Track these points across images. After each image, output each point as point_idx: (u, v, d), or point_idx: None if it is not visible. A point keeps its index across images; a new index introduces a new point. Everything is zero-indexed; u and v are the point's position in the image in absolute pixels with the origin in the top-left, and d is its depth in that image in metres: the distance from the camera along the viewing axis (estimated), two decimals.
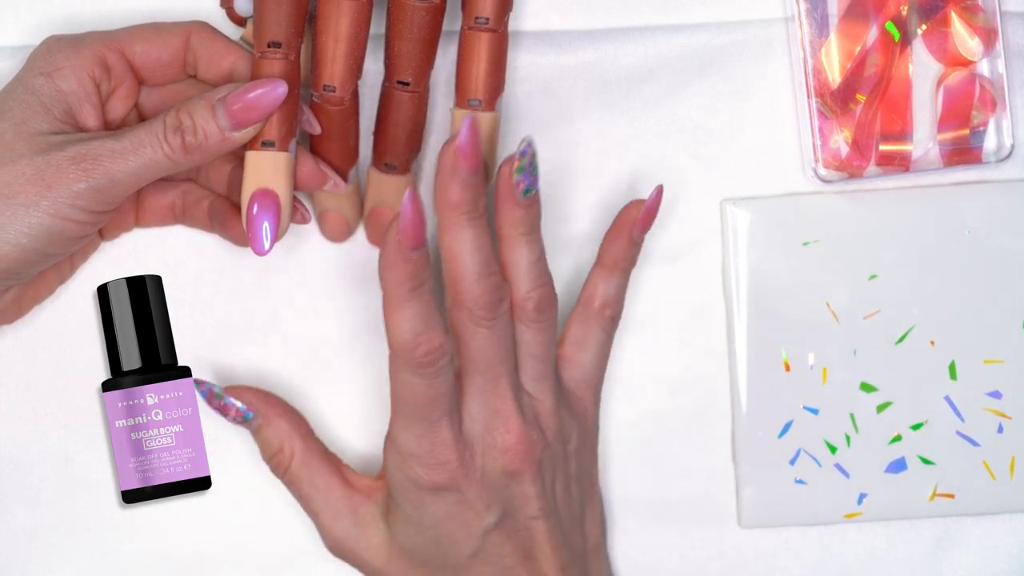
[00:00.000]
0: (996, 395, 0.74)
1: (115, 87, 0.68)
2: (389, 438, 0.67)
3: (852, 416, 0.74)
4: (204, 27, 0.69)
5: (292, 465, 0.71)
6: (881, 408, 0.74)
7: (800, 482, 0.74)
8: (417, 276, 0.64)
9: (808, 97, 0.73)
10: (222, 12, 0.72)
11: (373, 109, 0.71)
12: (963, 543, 0.75)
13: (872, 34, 0.72)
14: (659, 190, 0.70)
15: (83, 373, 0.74)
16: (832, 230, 0.74)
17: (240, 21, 0.71)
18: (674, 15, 0.74)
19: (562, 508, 0.69)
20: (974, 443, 0.74)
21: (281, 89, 0.65)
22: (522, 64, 0.74)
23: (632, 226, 0.70)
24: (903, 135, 0.73)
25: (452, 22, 0.70)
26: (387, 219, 0.72)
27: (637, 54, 0.74)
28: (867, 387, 0.74)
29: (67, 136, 0.65)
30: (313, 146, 0.69)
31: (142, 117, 0.70)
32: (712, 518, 0.75)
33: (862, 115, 0.73)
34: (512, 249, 0.67)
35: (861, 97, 0.73)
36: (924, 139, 0.74)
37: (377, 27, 0.69)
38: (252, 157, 0.66)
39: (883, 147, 0.73)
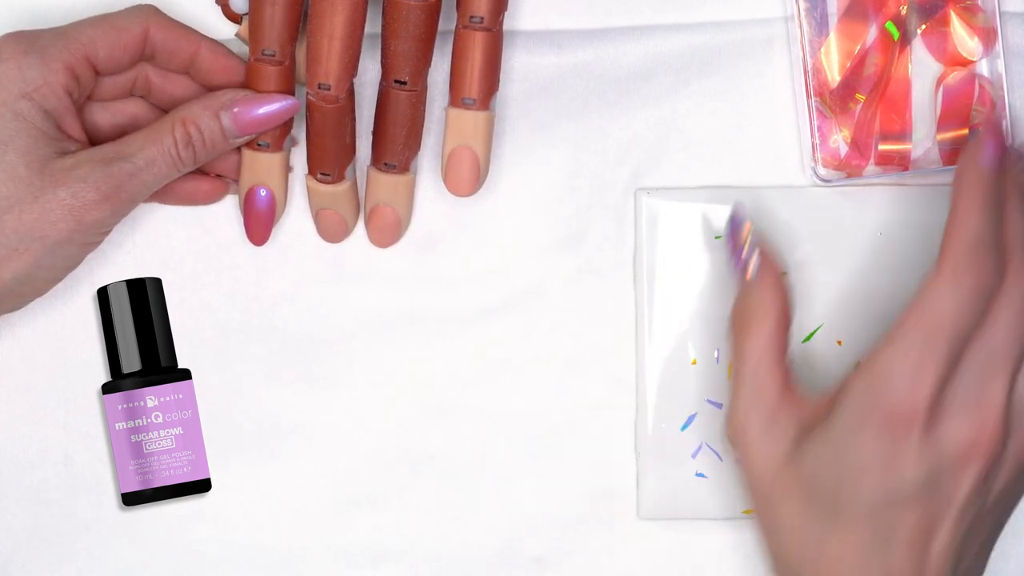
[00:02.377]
0: None
1: (84, 93, 0.68)
2: (874, 353, 0.64)
3: None
4: (160, 17, 0.69)
5: (761, 334, 0.68)
6: None
7: (701, 475, 0.74)
8: (994, 192, 0.64)
9: (808, 96, 0.72)
10: (217, 9, 0.73)
11: (372, 108, 0.71)
12: None
13: (872, 33, 0.72)
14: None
15: (83, 374, 0.74)
16: None
17: (236, 19, 0.71)
18: (674, 15, 0.74)
19: (974, 528, 0.66)
20: None
21: (292, 106, 0.67)
22: (522, 64, 0.74)
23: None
24: (902, 135, 0.73)
25: (450, 22, 0.70)
26: (388, 219, 0.72)
27: (637, 54, 0.74)
28: None
29: (75, 158, 0.66)
30: (309, 144, 0.69)
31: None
32: (613, 509, 0.75)
33: (861, 114, 0.72)
34: None
35: (861, 96, 0.72)
36: (923, 139, 0.73)
37: (376, 26, 0.69)
38: (248, 156, 0.69)
39: (882, 147, 0.73)
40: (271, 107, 0.67)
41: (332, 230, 0.72)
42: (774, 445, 0.66)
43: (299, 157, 0.72)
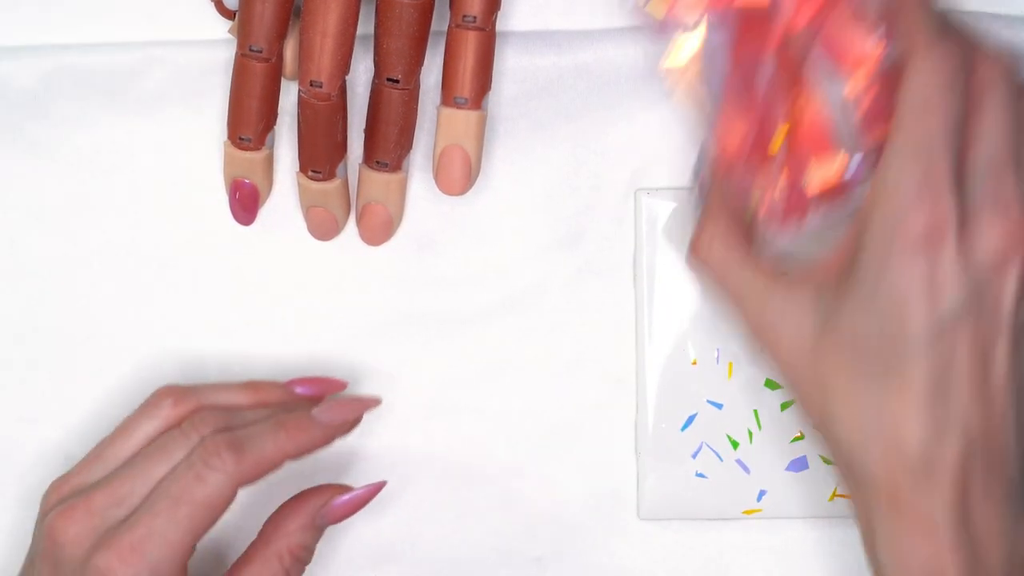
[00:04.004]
0: None
1: None
2: (877, 178, 0.62)
3: (756, 413, 0.74)
4: None
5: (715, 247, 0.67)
6: (785, 406, 0.74)
7: (701, 476, 0.74)
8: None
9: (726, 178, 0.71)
10: (211, 5, 0.73)
11: (365, 107, 0.71)
12: None
13: (764, 81, 0.70)
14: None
15: (83, 374, 0.74)
16: None
17: (229, 15, 0.71)
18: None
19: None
20: None
21: (376, 489, 0.70)
22: (521, 64, 0.74)
23: None
24: (830, 165, 0.71)
25: (444, 22, 0.70)
26: (379, 217, 0.72)
27: (637, 54, 0.74)
28: (772, 384, 0.74)
29: None
30: (300, 141, 0.69)
31: None
32: (613, 509, 0.75)
33: (781, 168, 0.70)
34: None
35: (776, 148, 0.70)
36: (854, 160, 0.72)
37: (368, 27, 0.69)
38: (229, 152, 0.70)
39: (814, 186, 0.70)
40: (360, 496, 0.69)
41: (322, 228, 0.72)
42: (798, 323, 0.64)
43: (290, 154, 0.73)
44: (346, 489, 0.69)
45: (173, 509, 0.63)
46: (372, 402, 0.70)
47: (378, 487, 0.69)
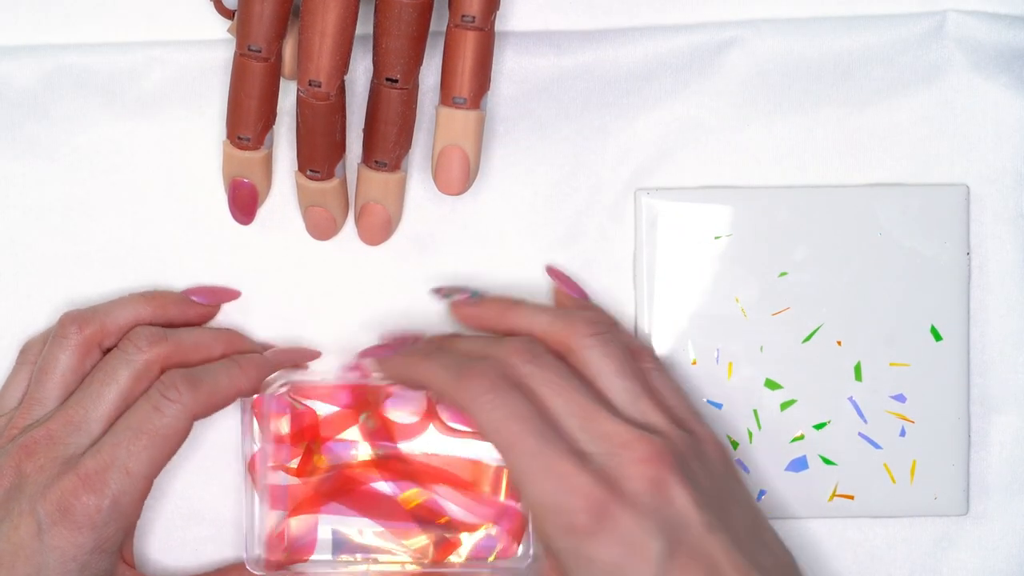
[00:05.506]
0: (900, 399, 0.74)
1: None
2: (531, 515, 0.67)
3: (756, 412, 0.74)
4: None
5: None
6: (785, 406, 0.74)
7: None
8: (420, 348, 0.71)
9: None
10: (210, 5, 0.74)
11: (364, 106, 0.71)
12: (963, 543, 0.75)
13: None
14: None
15: None
16: (744, 225, 0.73)
17: (228, 14, 0.71)
18: (674, 15, 0.74)
19: (725, 512, 0.66)
20: (876, 445, 0.74)
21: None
22: (521, 64, 0.74)
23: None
24: None
25: (443, 22, 0.70)
26: (378, 217, 0.72)
27: (637, 54, 0.74)
28: (772, 384, 0.74)
29: None
30: (299, 141, 0.69)
31: None
32: None
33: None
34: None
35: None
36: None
37: (367, 27, 0.69)
38: (228, 152, 0.70)
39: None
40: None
41: (321, 227, 0.72)
42: None
43: (289, 153, 0.73)
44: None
45: (133, 439, 0.66)
46: (314, 356, 0.74)
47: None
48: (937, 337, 0.74)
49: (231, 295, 0.74)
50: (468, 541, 0.73)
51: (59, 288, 0.74)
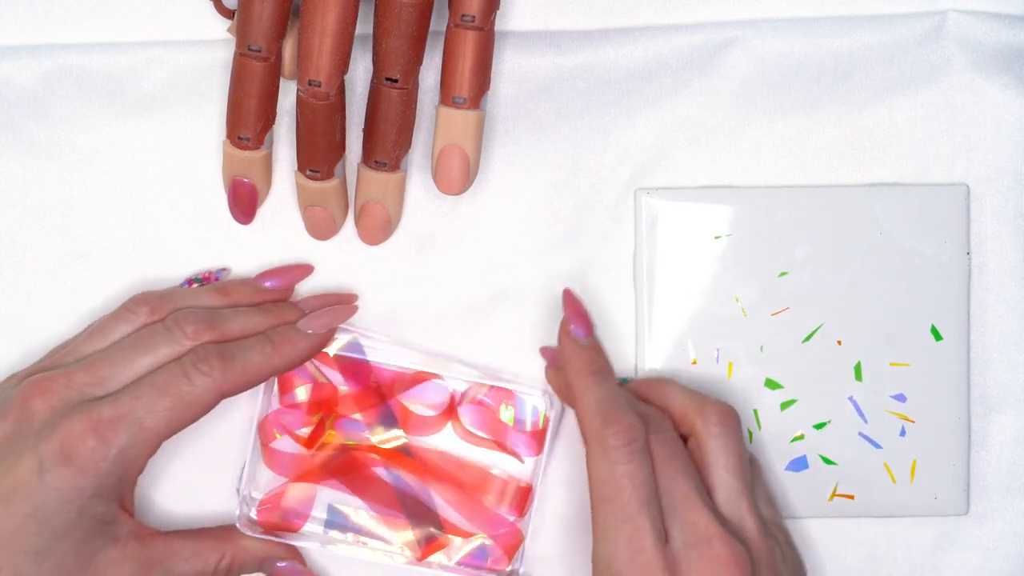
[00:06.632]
0: (900, 398, 0.74)
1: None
2: (593, 565, 0.67)
3: (756, 412, 0.74)
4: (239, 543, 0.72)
5: None
6: (785, 406, 0.74)
7: None
8: (595, 362, 0.69)
9: None
10: (210, 5, 0.74)
11: (364, 106, 0.71)
12: (963, 543, 0.75)
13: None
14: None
15: None
16: (744, 225, 0.73)
17: (228, 14, 0.71)
18: (674, 15, 0.74)
19: None
20: (876, 445, 0.74)
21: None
22: (521, 64, 0.74)
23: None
24: None
25: (443, 22, 0.70)
26: (378, 216, 0.72)
27: (637, 54, 0.74)
28: (772, 384, 0.74)
29: (122, 550, 0.68)
30: (298, 141, 0.69)
31: None
32: None
33: None
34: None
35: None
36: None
37: (367, 27, 0.69)
38: (228, 152, 0.70)
39: None
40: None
41: (320, 227, 0.72)
42: None
43: (289, 153, 0.73)
44: (300, 562, 0.72)
45: (156, 397, 0.66)
46: (351, 306, 0.72)
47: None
48: (937, 337, 0.74)
49: (304, 272, 0.73)
50: (461, 547, 0.73)
51: (59, 288, 0.74)
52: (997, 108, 0.74)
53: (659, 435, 0.67)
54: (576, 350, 0.69)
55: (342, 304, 0.72)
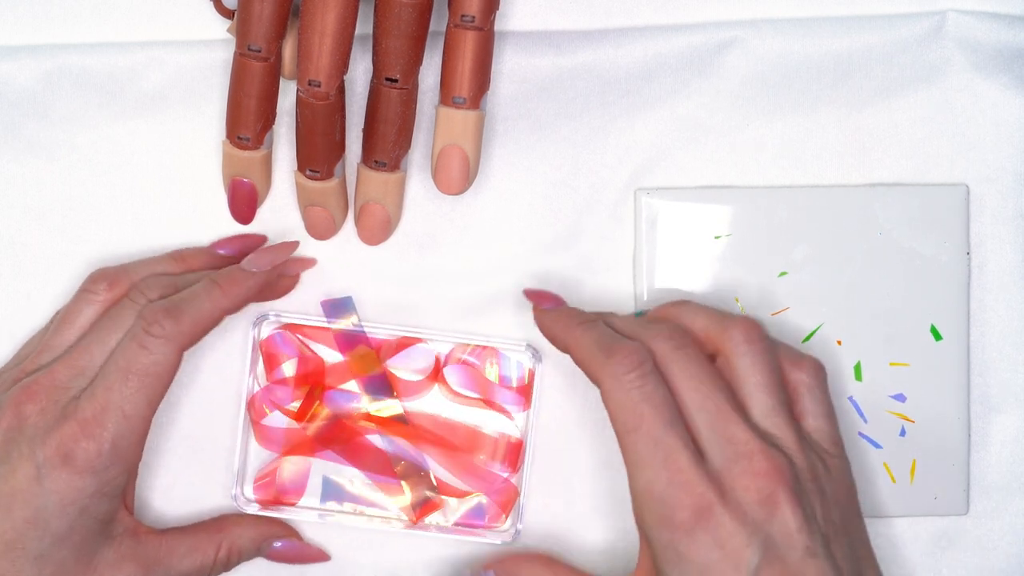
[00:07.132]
0: (900, 398, 0.74)
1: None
2: (633, 497, 0.66)
3: None
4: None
5: None
6: None
7: None
8: (579, 314, 0.69)
9: None
10: (210, 5, 0.74)
11: (363, 106, 0.71)
12: (963, 543, 0.75)
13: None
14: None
15: None
16: (744, 225, 0.73)
17: (228, 14, 0.72)
18: (674, 15, 0.74)
19: (833, 542, 0.65)
20: (876, 445, 0.74)
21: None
22: (521, 64, 0.74)
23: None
24: None
25: (442, 22, 0.70)
26: (378, 216, 0.72)
27: (637, 54, 0.74)
28: None
29: (120, 550, 0.69)
30: (298, 141, 0.69)
31: None
32: (614, 509, 0.75)
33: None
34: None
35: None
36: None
37: (367, 27, 0.69)
38: (228, 151, 0.70)
39: None
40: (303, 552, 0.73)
41: (320, 227, 0.72)
42: None
43: (288, 153, 0.73)
44: (296, 538, 0.73)
45: (124, 381, 0.66)
46: (292, 241, 0.73)
47: (320, 556, 0.73)
48: (937, 337, 0.74)
49: (256, 241, 0.73)
50: (458, 507, 0.73)
51: (59, 288, 0.74)
52: (997, 108, 0.74)
53: (681, 350, 0.66)
54: (556, 314, 0.70)
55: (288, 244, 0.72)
